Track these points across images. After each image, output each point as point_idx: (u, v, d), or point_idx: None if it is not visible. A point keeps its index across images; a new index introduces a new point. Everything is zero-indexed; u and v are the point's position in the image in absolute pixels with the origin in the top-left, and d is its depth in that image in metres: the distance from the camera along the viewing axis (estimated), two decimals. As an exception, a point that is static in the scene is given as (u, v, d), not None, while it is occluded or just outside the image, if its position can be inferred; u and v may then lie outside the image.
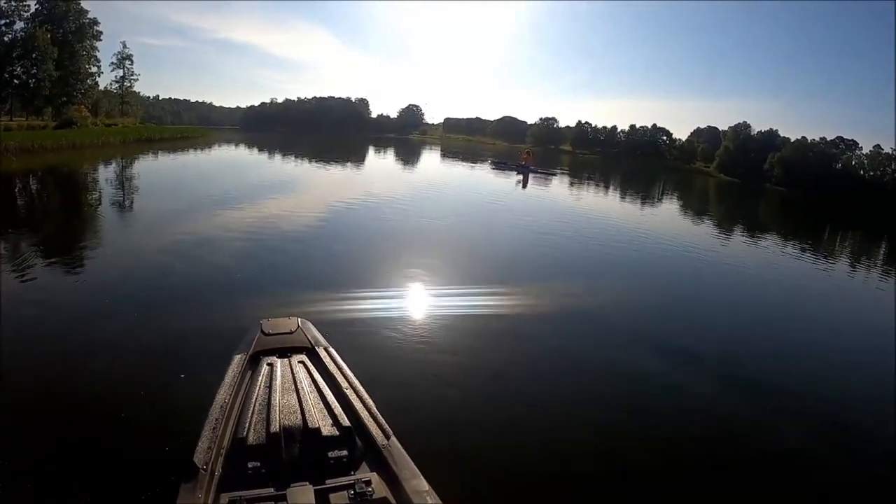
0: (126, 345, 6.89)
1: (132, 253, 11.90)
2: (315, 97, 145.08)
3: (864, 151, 71.04)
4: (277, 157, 48.48)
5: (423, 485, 3.23)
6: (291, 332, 5.01)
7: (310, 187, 26.77)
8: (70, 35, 65.01)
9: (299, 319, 5.27)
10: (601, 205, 31.00)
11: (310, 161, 45.10)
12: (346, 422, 3.66)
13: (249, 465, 3.24)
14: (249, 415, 3.64)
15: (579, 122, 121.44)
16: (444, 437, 5.45)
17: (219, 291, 9.43)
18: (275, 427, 3.48)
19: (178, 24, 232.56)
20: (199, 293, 9.28)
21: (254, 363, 4.48)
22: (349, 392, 4.06)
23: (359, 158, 54.20)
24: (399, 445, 3.56)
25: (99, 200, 19.41)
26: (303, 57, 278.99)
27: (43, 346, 6.76)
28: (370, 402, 3.98)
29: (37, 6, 63.06)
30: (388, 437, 3.61)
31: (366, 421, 3.74)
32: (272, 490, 3.05)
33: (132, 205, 19.13)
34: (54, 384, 5.91)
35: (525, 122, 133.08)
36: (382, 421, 3.77)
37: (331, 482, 3.17)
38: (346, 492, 3.09)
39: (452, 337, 8.17)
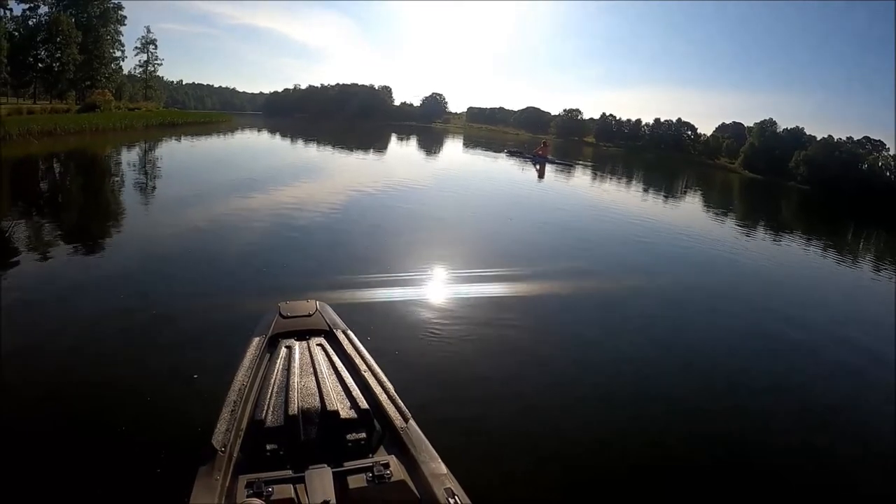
0: (145, 328, 6.89)
1: (153, 237, 11.82)
2: (338, 84, 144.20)
3: (892, 153, 69.74)
4: (300, 142, 48.46)
5: (442, 468, 3.23)
6: (310, 315, 4.97)
7: (331, 173, 26.61)
8: (94, 19, 65.51)
9: (317, 302, 5.22)
10: (618, 197, 30.70)
11: (332, 147, 44.93)
12: (364, 404, 3.64)
13: (268, 447, 3.25)
14: (267, 397, 3.65)
15: (603, 114, 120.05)
16: (463, 420, 5.45)
17: (239, 275, 9.41)
18: (293, 409, 3.49)
19: (199, 10, 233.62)
20: (218, 277, 9.29)
21: (272, 346, 4.48)
22: (367, 375, 4.04)
23: (381, 146, 53.93)
24: (417, 429, 3.55)
25: (121, 184, 19.35)
26: (325, 44, 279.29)
27: (63, 330, 6.73)
28: (389, 385, 3.94)
29: None
30: (406, 421, 3.59)
31: (384, 404, 3.72)
32: (290, 472, 3.04)
33: (154, 189, 19.00)
34: (72, 368, 5.88)
35: (549, 113, 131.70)
36: (401, 404, 3.74)
37: (349, 465, 3.14)
38: (364, 474, 3.06)
39: (471, 321, 8.17)
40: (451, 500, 2.97)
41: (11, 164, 22.24)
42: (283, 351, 4.29)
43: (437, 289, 9.62)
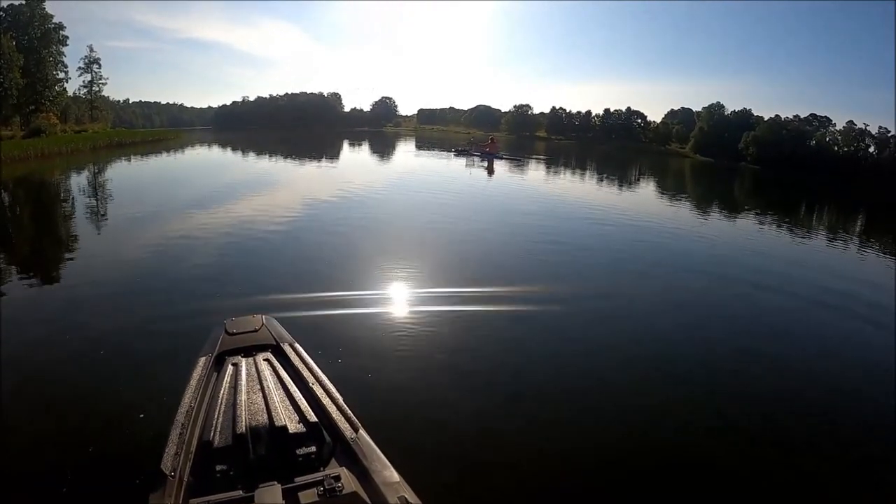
0: (92, 354, 7.00)
1: (103, 262, 11.99)
2: (287, 93, 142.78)
3: (838, 127, 72.17)
4: (251, 156, 48.19)
5: (394, 476, 3.24)
6: (256, 331, 4.95)
7: (283, 185, 26.85)
8: (35, 41, 63.59)
9: (264, 317, 5.21)
10: (568, 187, 32.02)
11: (284, 158, 45.05)
12: (312, 417, 3.64)
13: (217, 468, 3.23)
14: (215, 417, 3.62)
15: (553, 108, 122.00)
16: (414, 428, 5.54)
17: (187, 294, 9.51)
18: (241, 428, 3.48)
19: (144, 26, 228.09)
20: (167, 298, 9.34)
21: (219, 364, 4.44)
22: (315, 387, 4.04)
23: (333, 153, 54.15)
24: (368, 438, 3.56)
25: (71, 209, 19.37)
26: (270, 53, 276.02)
27: (7, 362, 6.66)
28: (338, 396, 3.97)
29: (0, 13, 62.17)
30: (356, 431, 3.60)
31: (333, 415, 3.73)
32: (241, 492, 3.04)
33: (104, 212, 19.10)
34: (15, 400, 5.92)
35: (499, 111, 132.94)
36: (350, 414, 3.76)
37: (299, 480, 3.14)
38: (315, 489, 3.07)
39: (420, 331, 8.29)
40: None
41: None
42: (230, 368, 4.26)
43: (388, 299, 9.80)
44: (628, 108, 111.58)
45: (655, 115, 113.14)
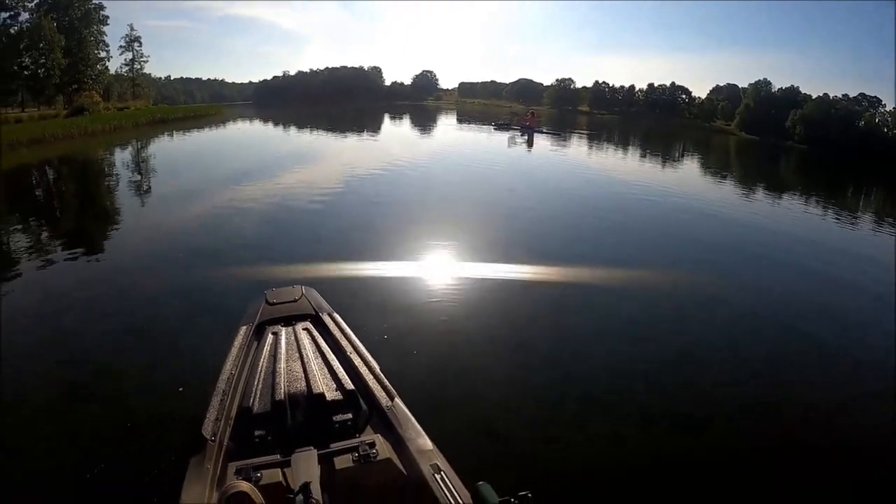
0: (137, 324, 7.12)
1: (146, 236, 12.07)
2: (327, 67, 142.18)
3: (889, 108, 68.41)
4: (292, 129, 48.13)
5: (427, 444, 3.27)
6: (296, 301, 5.04)
7: (325, 158, 26.50)
8: (76, 22, 64.99)
9: (303, 287, 5.30)
10: (610, 163, 30.85)
11: (325, 132, 44.70)
12: (350, 385, 3.70)
13: (256, 433, 3.31)
14: (255, 384, 3.71)
15: (596, 82, 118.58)
16: (450, 398, 5.53)
17: (229, 266, 9.53)
18: (279, 395, 3.54)
19: (182, 5, 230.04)
20: (209, 269, 9.37)
21: (259, 333, 4.54)
22: (353, 356, 4.09)
23: (375, 127, 53.55)
24: (403, 407, 3.59)
25: (116, 185, 19.30)
26: (311, 30, 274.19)
27: (57, 330, 7.00)
28: (374, 364, 3.99)
29: None
30: (392, 399, 3.64)
31: (370, 384, 3.77)
32: (278, 456, 3.11)
33: (148, 187, 19.00)
34: (65, 367, 6.08)
35: (541, 84, 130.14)
36: (387, 383, 3.79)
37: (335, 446, 3.20)
38: (349, 454, 3.12)
39: (459, 303, 8.20)
40: (437, 476, 3.01)
41: (5, 174, 22.13)
42: (270, 337, 4.36)
43: (428, 271, 9.65)
44: (672, 83, 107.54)
45: (700, 90, 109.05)
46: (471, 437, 4.90)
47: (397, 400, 3.64)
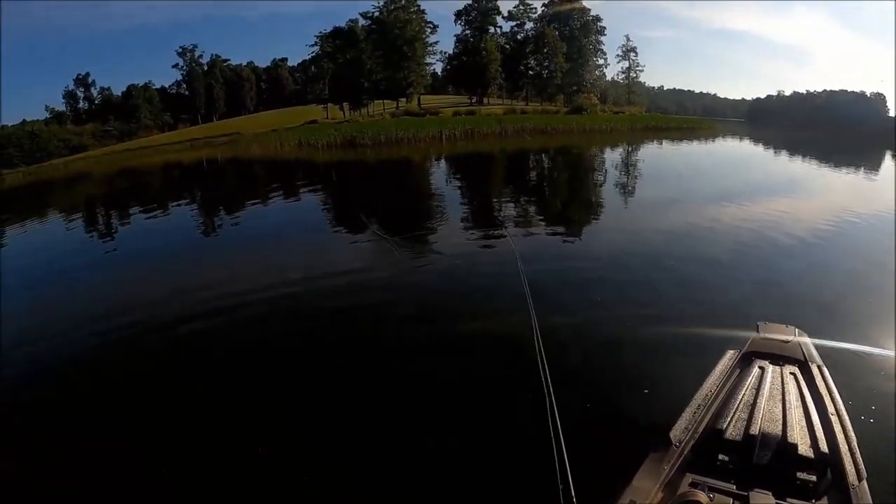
0: (612, 320, 7.19)
1: (625, 234, 12.34)
2: (825, 90, 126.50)
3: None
4: (783, 154, 44.52)
5: None
6: (787, 342, 4.78)
7: (812, 191, 23.65)
8: (576, 31, 73.66)
9: (796, 330, 5.00)
10: None
11: (815, 162, 40.09)
12: (824, 447, 3.40)
13: (720, 456, 3.29)
14: (731, 410, 3.64)
15: None
16: None
17: (712, 283, 9.03)
18: (754, 429, 3.43)
19: (675, 15, 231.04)
20: (689, 281, 9.07)
21: (745, 362, 4.42)
22: (834, 418, 3.71)
23: (872, 165, 46.09)
24: (867, 492, 3.15)
25: (602, 181, 20.49)
26: (807, 44, 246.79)
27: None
28: (852, 435, 3.55)
29: (543, 8, 73.52)
30: (860, 479, 3.22)
31: (842, 454, 3.39)
32: (734, 487, 3.05)
33: (632, 188, 19.54)
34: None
35: None
36: (859, 459, 3.36)
37: (792, 502, 3.01)
38: None
39: None
40: None
41: (508, 154, 25.59)
42: (756, 370, 4.23)
43: None
44: None
45: None
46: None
47: (864, 483, 3.20)
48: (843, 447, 3.48)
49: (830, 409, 3.86)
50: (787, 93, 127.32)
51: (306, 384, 5.85)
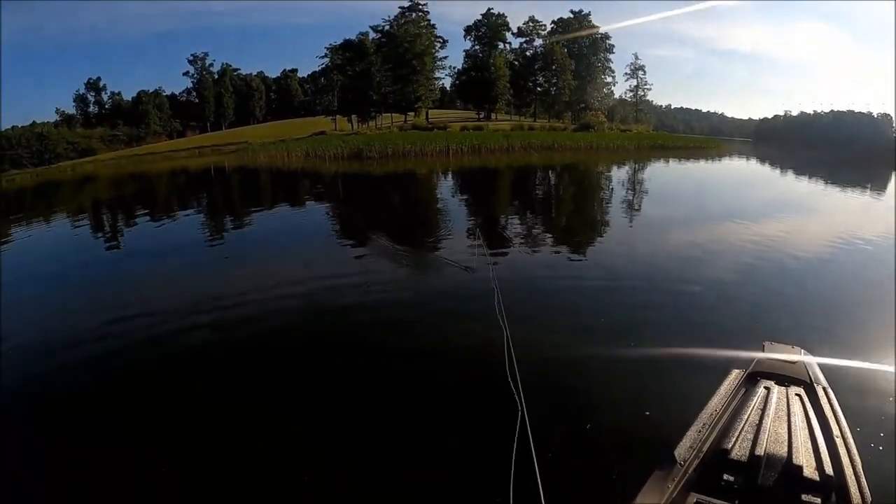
0: (616, 341, 7.03)
1: (630, 252, 12.28)
2: (832, 111, 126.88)
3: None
4: (789, 174, 44.35)
5: None
6: (793, 363, 4.79)
7: (818, 212, 23.48)
8: (585, 49, 74.29)
9: (802, 350, 5.02)
10: None
11: (821, 182, 39.97)
12: (828, 471, 3.39)
13: (725, 476, 3.29)
14: (736, 430, 3.66)
15: None
16: None
17: (717, 303, 8.95)
18: (759, 450, 3.45)
19: (681, 35, 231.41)
20: (693, 301, 8.99)
21: (750, 382, 4.44)
22: (839, 440, 3.72)
23: (878, 186, 45.95)
24: None
25: (608, 199, 20.49)
26: (812, 60, 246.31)
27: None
28: (857, 458, 3.55)
29: (552, 25, 74.26)
30: (865, 503, 3.23)
31: (847, 478, 3.37)
32: None
33: (638, 206, 19.48)
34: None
35: None
36: (864, 483, 3.35)
37: None
38: None
39: None
40: None
41: (514, 169, 25.61)
42: (761, 391, 4.25)
43: None
44: None
45: None
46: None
47: None
48: (848, 470, 3.47)
49: (836, 431, 3.85)
50: (794, 113, 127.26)
51: (296, 387, 5.89)
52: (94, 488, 4.43)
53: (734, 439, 3.57)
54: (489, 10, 75.92)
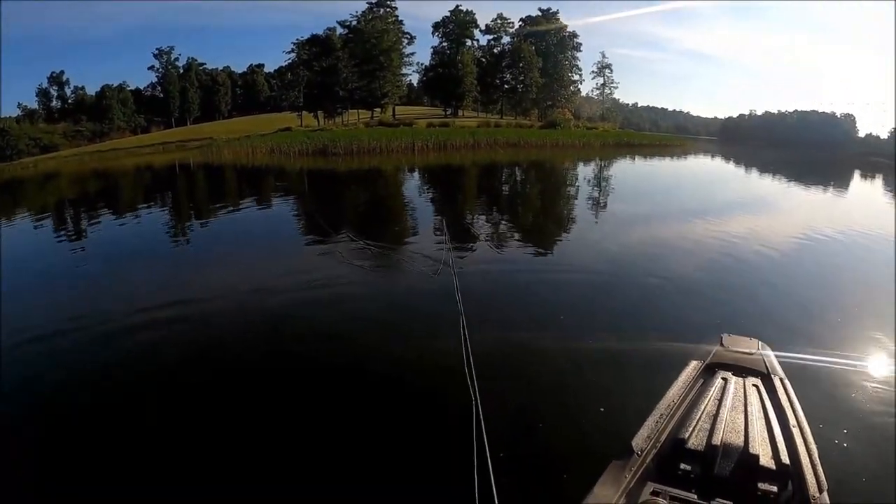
0: (576, 335, 7.10)
1: (593, 248, 12.45)
2: (796, 111, 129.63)
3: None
4: (753, 172, 45.03)
5: None
6: (750, 354, 4.88)
7: (780, 210, 23.89)
8: (552, 47, 74.83)
9: (759, 342, 5.09)
10: None
11: (785, 180, 40.73)
12: (784, 459, 3.46)
13: (681, 465, 3.33)
14: (693, 420, 3.70)
15: None
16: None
17: (677, 297, 9.14)
18: (716, 440, 3.50)
19: (649, 35, 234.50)
20: (654, 295, 9.10)
21: (708, 373, 4.50)
22: (795, 430, 3.78)
23: (840, 183, 46.90)
24: (828, 502, 3.25)
25: (574, 195, 20.62)
26: (775, 63, 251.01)
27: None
28: (814, 447, 3.61)
29: (520, 23, 74.79)
30: (820, 491, 3.29)
31: (804, 466, 3.45)
32: (695, 496, 3.10)
33: (604, 203, 19.64)
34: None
35: None
36: (820, 471, 3.41)
37: None
38: None
39: None
40: None
41: (480, 166, 25.67)
42: (719, 382, 4.30)
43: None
44: None
45: None
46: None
47: (825, 495, 3.26)
48: (805, 459, 3.53)
49: (792, 421, 3.90)
50: (760, 112, 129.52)
51: (250, 391, 5.76)
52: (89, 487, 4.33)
53: (691, 429, 3.61)
54: (457, 6, 75.82)
